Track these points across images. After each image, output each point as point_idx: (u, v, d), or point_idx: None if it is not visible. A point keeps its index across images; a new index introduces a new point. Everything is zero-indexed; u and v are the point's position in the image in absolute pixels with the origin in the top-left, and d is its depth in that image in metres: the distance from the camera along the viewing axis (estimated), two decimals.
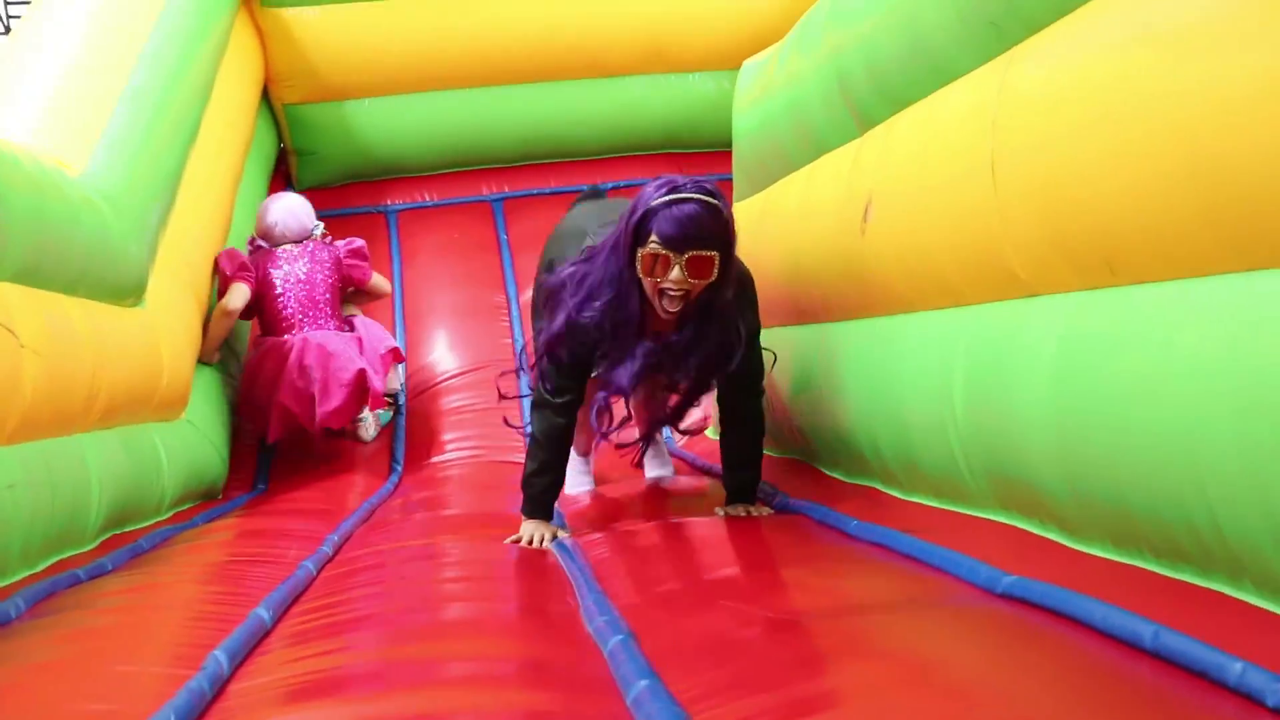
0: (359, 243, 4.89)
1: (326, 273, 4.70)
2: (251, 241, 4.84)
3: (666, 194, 2.65)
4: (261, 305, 4.66)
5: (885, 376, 2.67)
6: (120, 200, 3.62)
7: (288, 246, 4.73)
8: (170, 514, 3.90)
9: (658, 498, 3.47)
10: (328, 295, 4.68)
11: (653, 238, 2.63)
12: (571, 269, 2.86)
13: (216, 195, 4.81)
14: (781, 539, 2.53)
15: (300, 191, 6.23)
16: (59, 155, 3.44)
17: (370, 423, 4.88)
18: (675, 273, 2.62)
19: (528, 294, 5.52)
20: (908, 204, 2.53)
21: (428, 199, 6.22)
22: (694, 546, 2.52)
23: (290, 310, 4.61)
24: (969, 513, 2.33)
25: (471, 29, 5.89)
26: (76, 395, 3.16)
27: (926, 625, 1.73)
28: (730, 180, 4.21)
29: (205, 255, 4.56)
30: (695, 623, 1.88)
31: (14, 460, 2.80)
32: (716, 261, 2.63)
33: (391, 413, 5.03)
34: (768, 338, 3.05)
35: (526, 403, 3.47)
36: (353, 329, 4.70)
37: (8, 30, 9.53)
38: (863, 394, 2.82)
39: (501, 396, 3.50)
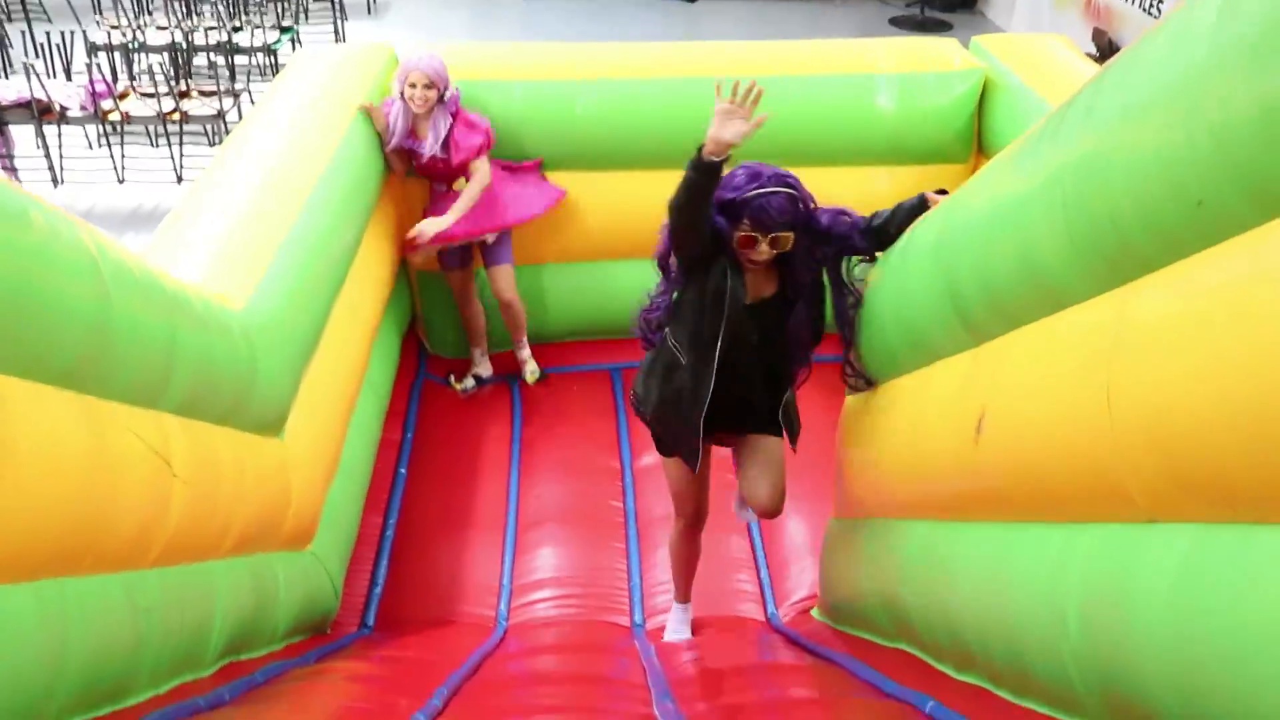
0: None
1: None
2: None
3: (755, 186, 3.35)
4: None
5: (998, 582, 2.71)
6: (274, 336, 3.86)
7: None
8: (282, 645, 4.03)
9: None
10: None
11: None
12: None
13: (355, 343, 5.07)
14: None
15: (430, 355, 6.50)
16: (224, 291, 3.70)
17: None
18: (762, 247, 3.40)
19: (643, 459, 5.67)
20: (1022, 421, 2.57)
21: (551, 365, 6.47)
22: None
23: None
24: None
25: (617, 210, 6.22)
26: (215, 524, 3.32)
27: None
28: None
29: (340, 396, 4.79)
30: None
31: (155, 584, 2.96)
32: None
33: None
34: (881, 528, 3.21)
35: None
36: None
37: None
38: (974, 595, 2.85)
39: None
